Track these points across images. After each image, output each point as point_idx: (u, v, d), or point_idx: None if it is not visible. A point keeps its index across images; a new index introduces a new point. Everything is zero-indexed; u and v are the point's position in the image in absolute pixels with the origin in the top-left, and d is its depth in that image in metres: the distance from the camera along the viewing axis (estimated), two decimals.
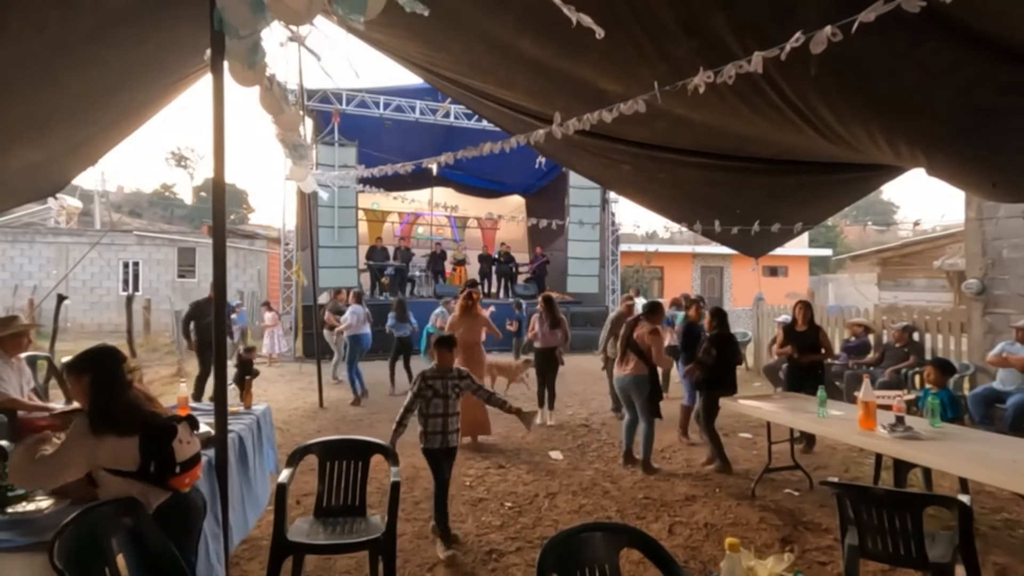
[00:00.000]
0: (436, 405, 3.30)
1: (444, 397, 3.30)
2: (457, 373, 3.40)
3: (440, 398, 3.30)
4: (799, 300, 5.52)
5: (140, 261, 16.72)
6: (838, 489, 2.42)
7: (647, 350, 4.67)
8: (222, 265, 2.34)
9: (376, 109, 11.59)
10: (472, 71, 4.14)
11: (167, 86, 4.31)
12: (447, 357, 3.38)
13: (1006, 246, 6.00)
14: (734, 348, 4.94)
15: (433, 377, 3.33)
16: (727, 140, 3.89)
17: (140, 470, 1.94)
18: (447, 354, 3.38)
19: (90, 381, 2.00)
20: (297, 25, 2.69)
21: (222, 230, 2.33)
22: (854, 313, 8.82)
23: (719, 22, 2.39)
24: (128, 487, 1.92)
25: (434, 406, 3.30)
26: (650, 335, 4.71)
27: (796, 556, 3.18)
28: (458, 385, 3.37)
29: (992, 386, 5.39)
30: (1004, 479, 2.54)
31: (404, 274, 13.33)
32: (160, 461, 1.98)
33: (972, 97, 2.57)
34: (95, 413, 1.94)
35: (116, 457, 1.92)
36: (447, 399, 3.31)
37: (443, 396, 3.30)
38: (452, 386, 3.34)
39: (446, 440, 3.33)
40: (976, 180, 3.77)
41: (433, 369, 3.38)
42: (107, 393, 1.99)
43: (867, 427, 3.24)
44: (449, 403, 3.32)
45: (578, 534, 1.69)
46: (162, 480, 1.98)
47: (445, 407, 3.31)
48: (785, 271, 21.59)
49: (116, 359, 2.10)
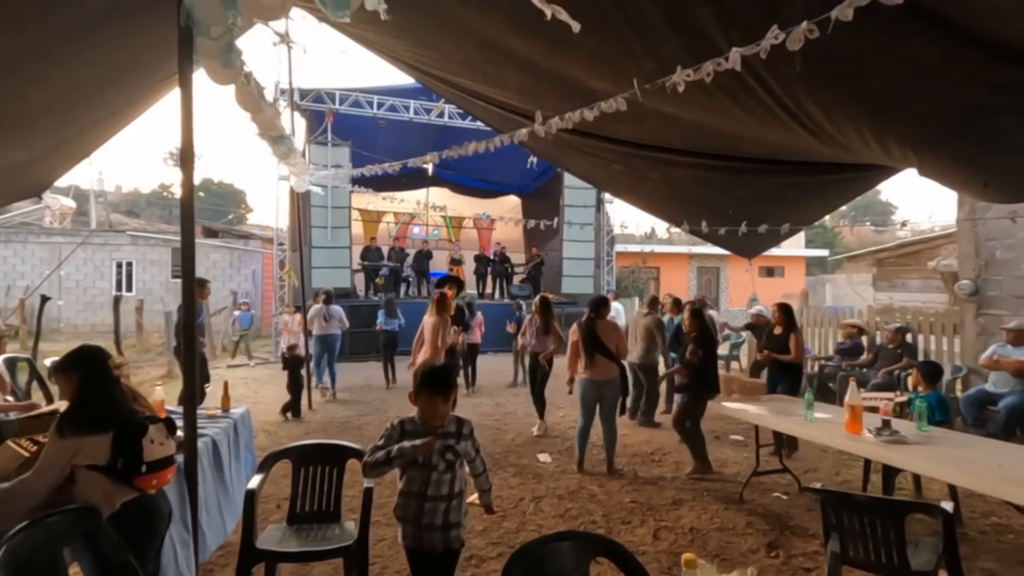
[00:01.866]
0: (412, 480, 2.05)
1: (426, 467, 2.04)
2: (456, 429, 2.12)
3: (418, 469, 2.04)
4: (777, 303, 5.49)
5: (134, 261, 16.65)
6: (821, 495, 2.38)
7: (614, 348, 4.61)
8: (190, 266, 2.29)
9: (370, 109, 11.55)
10: (462, 69, 4.11)
11: (153, 85, 4.26)
12: (437, 405, 2.07)
13: (999, 247, 5.97)
14: (715, 348, 4.93)
15: (413, 433, 2.06)
16: (718, 139, 3.85)
17: (108, 465, 1.96)
18: (438, 401, 2.06)
19: (78, 379, 2.05)
20: (269, 21, 2.64)
21: (190, 234, 2.28)
22: (849, 314, 8.79)
23: (706, 18, 2.35)
24: (97, 482, 1.94)
25: (409, 480, 2.06)
26: (614, 331, 4.65)
27: (781, 562, 3.14)
28: (452, 449, 2.07)
29: (984, 388, 5.35)
30: (989, 485, 2.50)
31: (399, 275, 13.28)
32: (128, 458, 1.98)
33: (962, 95, 2.53)
34: (73, 412, 1.99)
35: (92, 453, 1.95)
36: (430, 471, 2.03)
37: (424, 466, 2.04)
38: (442, 451, 2.06)
39: (422, 538, 2.04)
40: (967, 180, 3.73)
41: (414, 420, 2.10)
42: (93, 390, 2.04)
43: (853, 431, 3.20)
44: (433, 479, 2.03)
45: (546, 544, 1.65)
46: (128, 478, 1.98)
47: (424, 484, 2.03)
48: (781, 272, 21.56)
49: (101, 356, 2.16)
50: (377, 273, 12.95)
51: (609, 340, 4.60)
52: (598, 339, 4.57)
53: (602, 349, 4.57)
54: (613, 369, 4.60)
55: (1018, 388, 5.07)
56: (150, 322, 13.82)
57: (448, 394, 2.08)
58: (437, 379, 2.09)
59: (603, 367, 4.58)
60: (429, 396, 2.06)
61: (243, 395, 7.38)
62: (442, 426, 2.09)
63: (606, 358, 4.57)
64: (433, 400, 2.06)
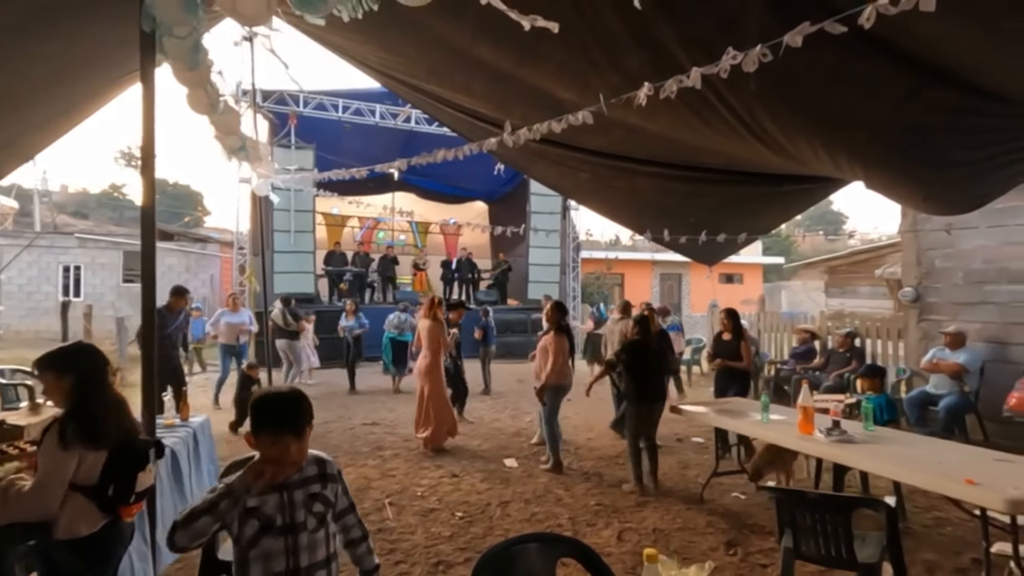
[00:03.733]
0: (272, 555, 1.44)
1: (288, 530, 1.46)
2: (318, 471, 1.55)
3: (276, 536, 1.45)
4: (724, 309, 5.69)
5: (82, 265, 15.92)
6: (775, 493, 2.49)
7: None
8: (151, 272, 2.23)
9: (335, 112, 11.41)
10: (430, 76, 4.12)
11: (108, 83, 4.12)
12: (288, 446, 1.45)
13: (938, 256, 6.34)
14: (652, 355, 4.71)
15: (247, 490, 1.42)
16: (681, 150, 3.98)
17: (96, 488, 1.79)
18: (288, 440, 1.45)
19: (73, 382, 1.84)
20: (253, 27, 2.61)
21: (151, 238, 2.23)
22: (804, 320, 9.16)
23: (667, 35, 2.45)
24: (81, 504, 1.78)
25: (266, 558, 1.44)
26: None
27: (740, 559, 3.26)
28: (321, 496, 1.53)
29: (926, 389, 5.66)
30: (930, 481, 2.66)
31: (363, 279, 13.11)
32: (120, 486, 1.83)
33: (903, 114, 2.71)
34: (71, 420, 1.79)
35: (86, 471, 1.79)
36: (296, 534, 1.46)
37: (284, 529, 1.46)
38: (307, 502, 1.50)
39: None
40: (909, 193, 3.96)
41: (255, 466, 1.43)
42: (92, 397, 1.84)
43: (806, 431, 3.35)
44: (304, 543, 1.47)
45: (513, 547, 1.68)
46: (111, 506, 1.83)
47: (293, 554, 1.46)
48: (740, 278, 22.23)
49: (101, 359, 1.96)
50: (341, 278, 12.76)
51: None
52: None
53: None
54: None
55: (955, 389, 5.38)
56: (100, 328, 13.19)
57: (303, 429, 1.47)
58: (284, 410, 1.47)
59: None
60: (274, 435, 1.44)
61: (203, 404, 7.15)
62: (299, 471, 1.50)
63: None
64: (281, 439, 1.43)
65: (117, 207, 35.00)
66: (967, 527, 3.53)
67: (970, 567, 3.09)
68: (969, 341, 5.63)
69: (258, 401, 1.50)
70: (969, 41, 2.11)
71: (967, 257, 6.08)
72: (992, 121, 2.63)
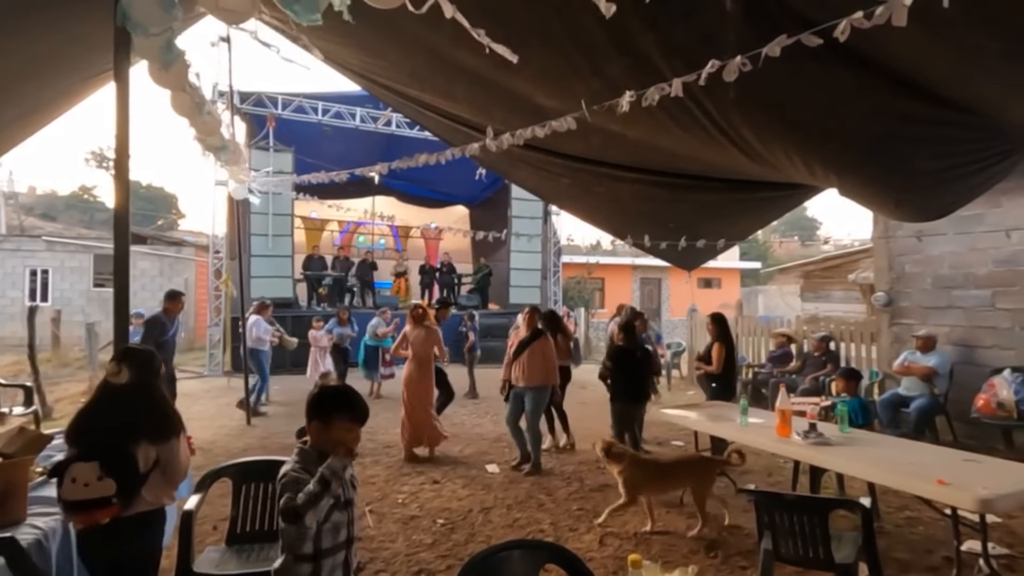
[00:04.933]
0: (338, 526, 1.73)
1: (348, 505, 1.77)
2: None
3: (342, 509, 1.73)
4: (711, 314, 5.75)
5: (50, 269, 15.45)
6: (754, 496, 2.52)
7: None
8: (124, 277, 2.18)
9: (314, 115, 11.28)
10: (411, 80, 4.10)
11: (79, 82, 4.02)
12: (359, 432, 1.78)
13: (908, 262, 6.51)
14: (635, 360, 4.94)
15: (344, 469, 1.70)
16: (660, 156, 4.03)
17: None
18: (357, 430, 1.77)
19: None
20: (235, 24, 2.57)
21: (125, 241, 2.18)
22: (780, 324, 9.32)
23: (648, 43, 2.48)
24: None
25: (335, 529, 1.71)
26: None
27: (720, 561, 3.29)
28: (354, 478, 1.86)
29: (898, 392, 5.80)
30: (903, 481, 2.73)
31: (343, 284, 12.97)
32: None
33: (874, 124, 2.78)
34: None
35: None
36: (349, 508, 1.78)
37: (346, 504, 1.76)
38: (351, 480, 1.82)
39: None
40: (880, 200, 4.07)
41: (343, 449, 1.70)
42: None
43: (783, 434, 3.41)
44: (355, 517, 1.81)
45: (496, 554, 1.67)
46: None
47: (349, 525, 1.77)
48: (719, 283, 22.55)
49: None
50: (320, 283, 12.61)
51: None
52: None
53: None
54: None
55: (926, 391, 5.53)
56: (69, 334, 12.84)
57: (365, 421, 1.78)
58: (358, 403, 1.77)
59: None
60: (351, 422, 1.73)
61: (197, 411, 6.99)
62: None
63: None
64: (355, 427, 1.75)
65: (87, 209, 34.10)
66: (939, 526, 3.61)
67: (941, 565, 3.17)
68: (939, 344, 5.79)
69: (336, 393, 1.81)
70: (936, 55, 2.19)
71: (936, 263, 6.26)
72: (958, 132, 2.73)
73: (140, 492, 1.93)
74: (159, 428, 2.00)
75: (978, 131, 2.77)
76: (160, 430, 1.99)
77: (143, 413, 1.98)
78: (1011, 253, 5.62)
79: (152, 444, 1.96)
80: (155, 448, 1.96)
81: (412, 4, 1.86)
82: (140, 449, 1.93)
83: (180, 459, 2.04)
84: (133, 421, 1.95)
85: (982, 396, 5.26)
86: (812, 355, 7.11)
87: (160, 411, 2.05)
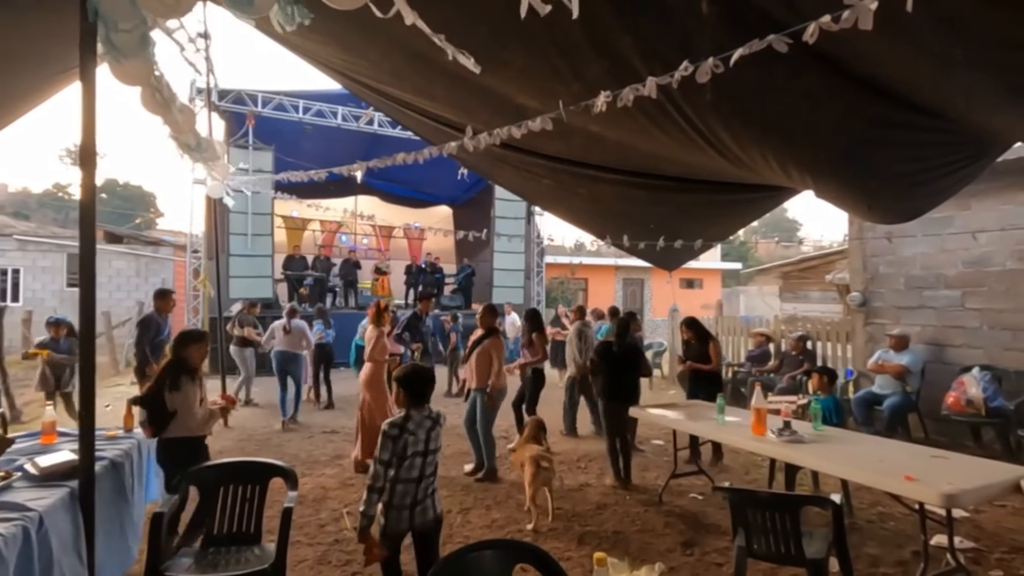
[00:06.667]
0: (412, 467, 2.39)
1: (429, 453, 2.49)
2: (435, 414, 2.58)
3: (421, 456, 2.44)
4: (684, 320, 5.90)
5: (22, 268, 15.06)
6: (729, 493, 2.55)
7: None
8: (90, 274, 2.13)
9: (295, 113, 11.16)
10: (392, 79, 4.08)
11: (50, 77, 3.92)
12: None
13: (882, 263, 6.65)
14: (622, 358, 4.90)
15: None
16: (640, 158, 4.06)
17: None
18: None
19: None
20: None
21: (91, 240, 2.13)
22: (759, 324, 9.44)
23: (626, 46, 2.49)
24: None
25: (409, 468, 2.38)
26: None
27: (696, 559, 3.32)
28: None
29: (871, 390, 5.92)
30: (872, 478, 2.78)
31: (324, 284, 12.84)
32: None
33: (846, 128, 2.83)
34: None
35: None
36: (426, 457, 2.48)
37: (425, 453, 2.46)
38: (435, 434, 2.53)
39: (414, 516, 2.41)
40: (854, 202, 4.14)
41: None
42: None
43: (759, 432, 3.45)
44: (429, 461, 2.50)
45: (468, 554, 1.66)
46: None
47: (422, 468, 2.45)
48: (700, 283, 22.77)
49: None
50: (301, 283, 12.47)
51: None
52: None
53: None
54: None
55: (899, 390, 5.65)
56: (41, 334, 12.53)
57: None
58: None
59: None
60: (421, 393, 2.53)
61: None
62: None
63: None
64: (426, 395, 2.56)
65: (61, 208, 33.33)
66: (908, 521, 3.69)
67: (910, 559, 3.24)
68: (911, 344, 5.92)
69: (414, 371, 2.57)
70: (905, 60, 2.23)
71: (907, 264, 6.40)
72: (927, 135, 2.78)
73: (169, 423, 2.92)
74: (174, 383, 2.92)
75: (948, 135, 2.83)
76: (174, 385, 2.92)
77: (169, 372, 2.97)
78: (979, 255, 5.77)
79: (171, 392, 2.90)
80: (174, 396, 2.90)
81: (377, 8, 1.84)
82: (167, 396, 2.90)
83: (188, 405, 2.93)
84: (163, 378, 2.95)
85: (952, 394, 5.38)
86: (790, 354, 7.21)
87: (176, 372, 2.96)
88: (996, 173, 4.68)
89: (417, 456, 2.37)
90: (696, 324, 5.68)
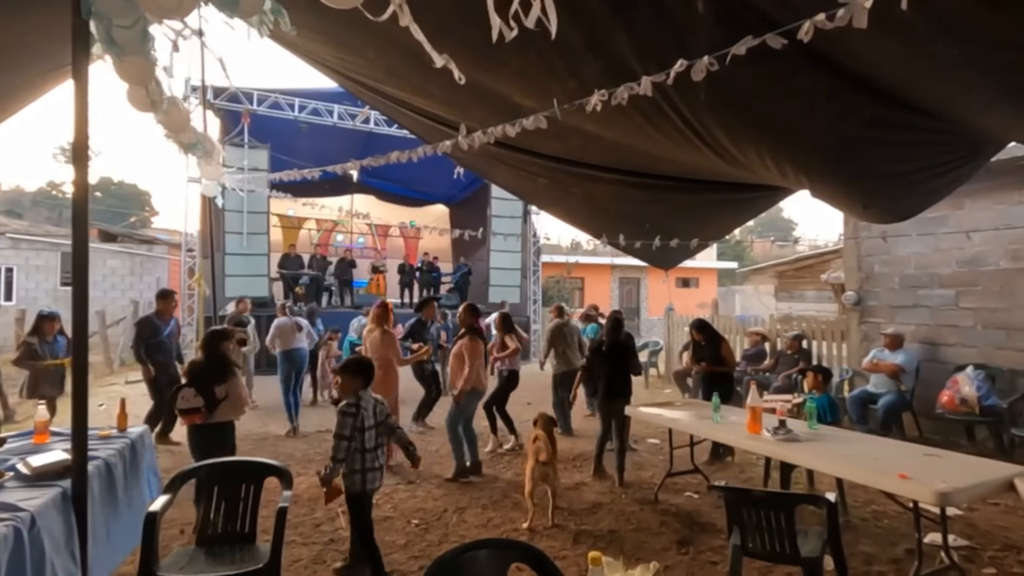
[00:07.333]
0: (370, 438, 2.94)
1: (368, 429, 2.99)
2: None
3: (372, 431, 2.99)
4: (692, 323, 5.93)
5: (15, 267, 14.97)
6: (724, 492, 2.55)
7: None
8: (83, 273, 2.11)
9: (291, 111, 11.11)
10: (388, 77, 4.06)
11: (42, 73, 3.89)
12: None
13: (876, 262, 6.67)
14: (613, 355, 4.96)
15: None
16: (636, 158, 4.06)
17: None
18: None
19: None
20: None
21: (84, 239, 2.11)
22: (755, 323, 9.46)
23: (622, 45, 2.49)
24: None
25: (368, 439, 2.93)
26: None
27: (691, 557, 3.33)
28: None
29: (866, 389, 5.94)
30: (867, 476, 2.79)
31: (320, 283, 12.81)
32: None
33: (841, 128, 2.84)
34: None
35: None
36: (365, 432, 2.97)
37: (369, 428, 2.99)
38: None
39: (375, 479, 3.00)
40: (849, 202, 4.15)
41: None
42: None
43: (754, 431, 3.46)
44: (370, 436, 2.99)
45: (463, 553, 1.66)
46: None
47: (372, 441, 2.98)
48: (696, 283, 22.81)
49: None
50: (297, 282, 12.43)
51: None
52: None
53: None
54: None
55: (893, 388, 5.67)
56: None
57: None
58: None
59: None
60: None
61: (144, 413, 6.81)
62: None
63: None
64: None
65: (55, 206, 33.10)
66: (903, 519, 3.70)
67: (904, 557, 3.25)
68: (905, 343, 5.94)
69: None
70: (899, 60, 2.24)
71: (902, 263, 6.43)
72: (922, 136, 2.79)
73: (216, 409, 3.39)
74: (223, 375, 3.47)
75: (942, 135, 2.84)
76: (223, 377, 3.46)
77: (214, 365, 3.48)
78: (973, 254, 5.79)
79: (221, 384, 3.42)
80: (223, 386, 3.42)
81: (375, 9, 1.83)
82: (216, 386, 3.38)
83: (238, 390, 3.56)
84: (209, 371, 3.45)
85: (946, 392, 5.41)
86: (785, 353, 7.24)
87: (221, 366, 3.51)
88: (990, 173, 4.70)
89: (370, 429, 2.91)
90: (706, 327, 5.72)
